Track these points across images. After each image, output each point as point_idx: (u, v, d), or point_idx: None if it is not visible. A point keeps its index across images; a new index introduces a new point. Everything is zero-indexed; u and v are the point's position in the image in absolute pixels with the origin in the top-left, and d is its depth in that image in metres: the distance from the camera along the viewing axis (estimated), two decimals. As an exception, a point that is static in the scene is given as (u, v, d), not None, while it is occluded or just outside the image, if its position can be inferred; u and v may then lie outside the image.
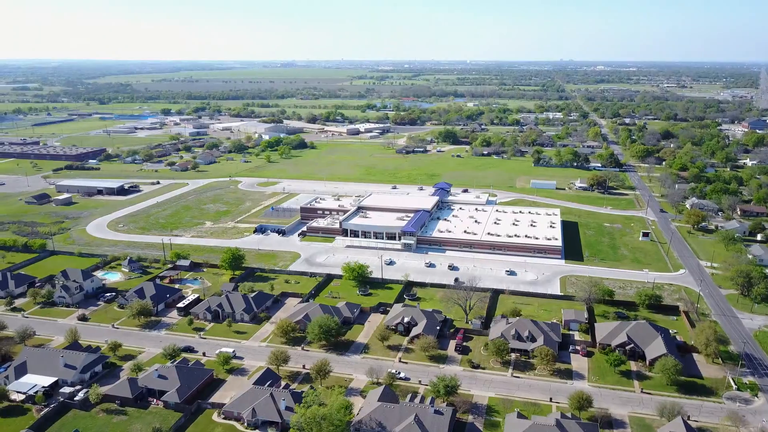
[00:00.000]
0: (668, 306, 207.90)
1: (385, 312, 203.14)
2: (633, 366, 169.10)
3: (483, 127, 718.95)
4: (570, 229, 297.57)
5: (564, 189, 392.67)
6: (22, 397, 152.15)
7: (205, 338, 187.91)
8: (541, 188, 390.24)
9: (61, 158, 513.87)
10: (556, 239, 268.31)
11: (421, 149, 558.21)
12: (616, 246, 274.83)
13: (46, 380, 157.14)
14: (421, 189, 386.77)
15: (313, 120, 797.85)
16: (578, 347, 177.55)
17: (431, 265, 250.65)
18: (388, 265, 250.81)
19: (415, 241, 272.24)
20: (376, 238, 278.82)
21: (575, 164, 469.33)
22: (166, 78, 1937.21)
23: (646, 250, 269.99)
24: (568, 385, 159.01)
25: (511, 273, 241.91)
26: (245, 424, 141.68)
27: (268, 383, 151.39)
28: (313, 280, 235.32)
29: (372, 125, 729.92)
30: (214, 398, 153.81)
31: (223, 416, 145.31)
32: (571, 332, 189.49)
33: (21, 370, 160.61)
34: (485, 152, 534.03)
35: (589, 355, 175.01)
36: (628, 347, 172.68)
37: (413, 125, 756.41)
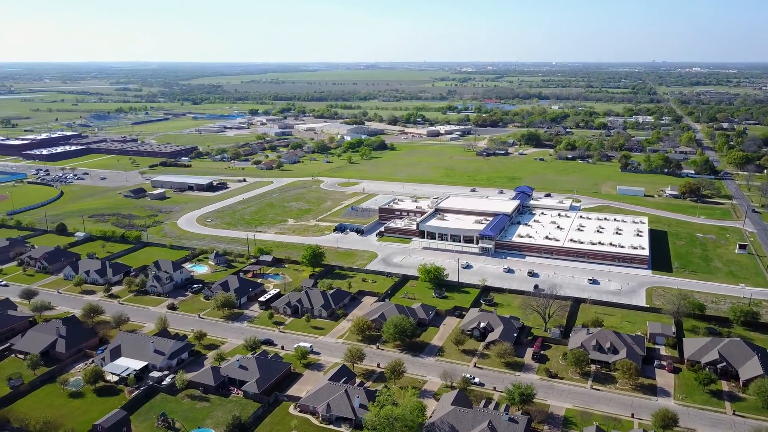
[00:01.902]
0: (766, 324, 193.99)
1: (461, 316, 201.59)
2: (724, 386, 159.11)
3: (567, 130, 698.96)
4: (658, 239, 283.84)
5: (653, 196, 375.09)
6: (116, 378, 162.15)
7: (284, 332, 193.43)
8: (628, 195, 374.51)
9: (157, 155, 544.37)
10: (643, 248, 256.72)
11: (503, 152, 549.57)
12: (708, 258, 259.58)
13: (138, 364, 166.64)
14: (501, 192, 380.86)
15: (393, 122, 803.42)
16: (664, 362, 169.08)
17: (510, 271, 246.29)
18: (465, 268, 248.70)
19: (493, 246, 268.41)
20: (453, 241, 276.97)
21: (666, 171, 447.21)
22: (255, 80, 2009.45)
23: (742, 263, 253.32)
24: (651, 402, 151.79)
25: (594, 282, 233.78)
26: (320, 418, 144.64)
27: (343, 380, 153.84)
28: (389, 280, 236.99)
29: (452, 127, 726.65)
30: (291, 391, 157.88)
31: (299, 409, 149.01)
32: (656, 346, 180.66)
33: (116, 353, 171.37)
34: (569, 156, 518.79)
35: (675, 371, 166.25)
36: (719, 365, 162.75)
37: (495, 127, 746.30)
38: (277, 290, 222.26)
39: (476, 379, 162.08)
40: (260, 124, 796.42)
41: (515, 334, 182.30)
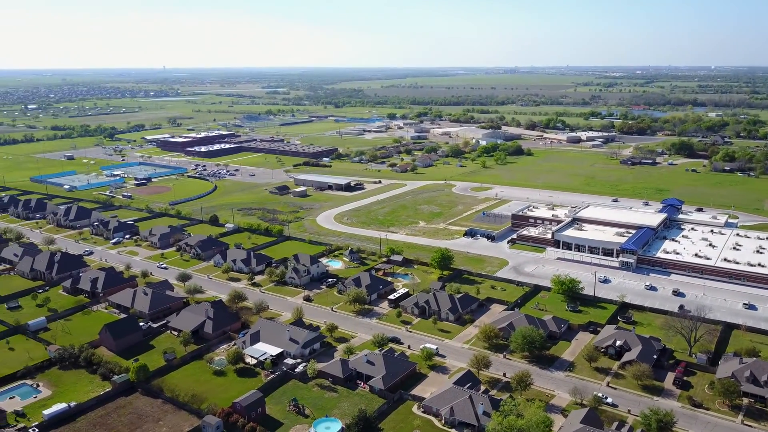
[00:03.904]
0: None
1: (595, 332, 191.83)
2: None
3: (726, 139, 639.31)
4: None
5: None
6: (254, 361, 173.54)
7: (410, 332, 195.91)
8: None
9: (300, 155, 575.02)
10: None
11: (650, 161, 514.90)
12: None
13: (274, 350, 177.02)
14: (647, 204, 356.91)
15: (531, 127, 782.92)
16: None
17: (652, 288, 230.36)
18: (603, 282, 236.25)
19: (635, 260, 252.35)
20: (591, 253, 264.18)
21: None
22: (394, 84, 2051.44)
23: None
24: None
25: (750, 307, 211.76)
26: (443, 421, 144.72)
27: (467, 385, 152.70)
28: (519, 289, 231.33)
29: (595, 134, 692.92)
30: (415, 391, 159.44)
31: (422, 410, 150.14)
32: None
33: (255, 338, 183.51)
34: (727, 168, 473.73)
35: None
36: None
37: (642, 135, 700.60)
38: (406, 290, 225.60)
39: (609, 399, 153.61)
40: (397, 128, 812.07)
41: (655, 356, 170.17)
